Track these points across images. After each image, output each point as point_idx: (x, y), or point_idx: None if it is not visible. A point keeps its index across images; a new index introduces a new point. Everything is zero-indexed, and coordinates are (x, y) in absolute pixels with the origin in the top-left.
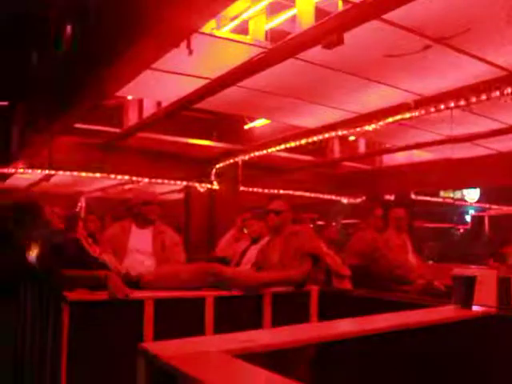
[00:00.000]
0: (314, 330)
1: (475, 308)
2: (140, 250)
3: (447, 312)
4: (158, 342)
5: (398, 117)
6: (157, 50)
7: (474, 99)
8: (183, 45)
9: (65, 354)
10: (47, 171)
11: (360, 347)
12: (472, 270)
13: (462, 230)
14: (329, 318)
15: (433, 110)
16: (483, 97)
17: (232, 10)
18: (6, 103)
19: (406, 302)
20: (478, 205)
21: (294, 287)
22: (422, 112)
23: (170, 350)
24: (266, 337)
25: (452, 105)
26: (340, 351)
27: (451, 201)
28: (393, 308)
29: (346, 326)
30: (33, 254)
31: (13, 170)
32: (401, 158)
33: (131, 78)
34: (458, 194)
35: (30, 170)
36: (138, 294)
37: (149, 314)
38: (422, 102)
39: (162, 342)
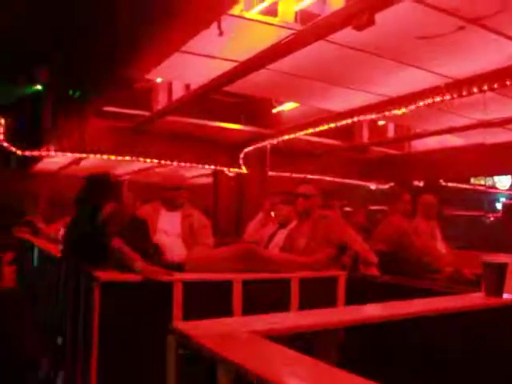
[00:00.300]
0: (340, 314)
1: (505, 296)
2: (168, 232)
3: (476, 299)
4: (189, 321)
5: (429, 100)
6: (187, 31)
7: (508, 82)
8: (212, 27)
9: (96, 332)
10: (77, 155)
11: (387, 332)
12: (502, 258)
13: (492, 218)
14: (355, 303)
15: (465, 93)
16: None
17: None
18: (38, 87)
19: (434, 290)
20: (509, 192)
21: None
22: (454, 95)
23: (200, 329)
24: (293, 319)
25: (485, 88)
26: (367, 336)
27: (482, 188)
28: (420, 295)
29: (373, 311)
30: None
31: (44, 153)
32: (431, 143)
33: (161, 61)
34: (489, 181)
35: (60, 154)
36: (166, 277)
37: (178, 296)
38: (454, 85)
39: (192, 321)
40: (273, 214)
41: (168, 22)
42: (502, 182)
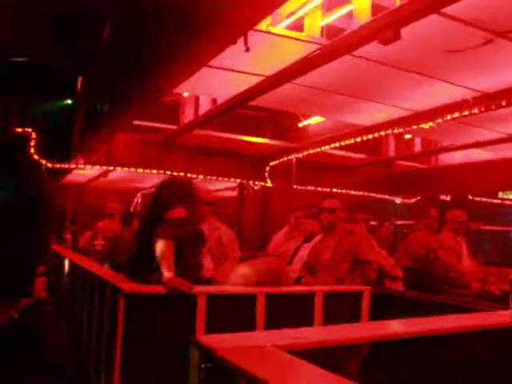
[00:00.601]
0: (365, 329)
1: None
2: None
3: (503, 317)
4: (211, 335)
5: (456, 114)
6: (214, 47)
7: None
8: (239, 42)
9: (119, 343)
10: (105, 167)
11: (411, 349)
12: None
13: None
14: (380, 318)
15: (493, 107)
16: None
17: (288, 7)
18: (68, 101)
19: (460, 306)
20: None
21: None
22: (482, 109)
23: (222, 343)
24: (317, 334)
25: None
26: (391, 352)
27: (510, 202)
28: (446, 311)
29: (398, 327)
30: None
31: (73, 166)
32: (458, 157)
33: (189, 76)
34: None
35: (89, 166)
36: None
37: (201, 309)
38: (482, 99)
39: (215, 335)
40: (298, 228)
41: (197, 38)
42: None
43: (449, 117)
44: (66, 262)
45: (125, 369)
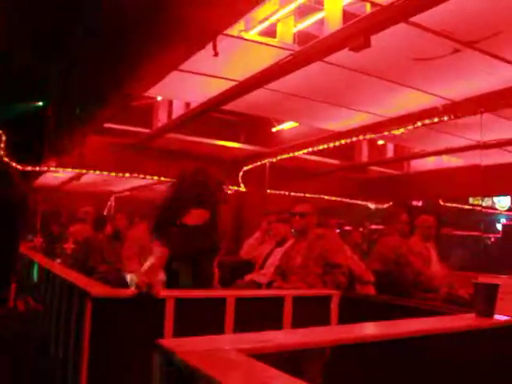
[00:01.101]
0: (329, 333)
1: (497, 317)
2: None
3: (466, 320)
4: (174, 338)
5: (427, 121)
6: (183, 51)
7: (503, 104)
8: (210, 46)
9: (86, 347)
10: (78, 170)
11: (375, 352)
12: (495, 279)
13: (492, 239)
14: (350, 322)
15: (461, 114)
16: None
17: (261, 13)
18: (39, 103)
19: (429, 310)
20: (509, 213)
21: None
22: (451, 117)
23: (185, 346)
24: (281, 337)
25: (482, 109)
26: (355, 355)
27: (480, 208)
28: (415, 315)
29: (361, 330)
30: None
31: (45, 168)
32: (429, 163)
33: (158, 79)
34: (488, 202)
35: (61, 169)
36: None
37: (169, 313)
38: (452, 107)
39: (178, 338)
40: (270, 232)
41: (165, 42)
42: (502, 202)
43: (419, 123)
44: (37, 267)
45: (92, 373)
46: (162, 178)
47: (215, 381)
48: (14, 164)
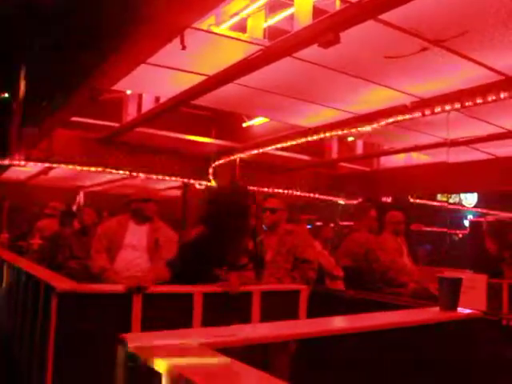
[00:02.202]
0: (295, 327)
1: (460, 310)
2: (135, 247)
3: (430, 313)
4: (138, 333)
5: (395, 118)
6: (150, 45)
7: (469, 103)
8: (179, 40)
9: (52, 343)
10: (45, 164)
11: (342, 345)
12: (461, 274)
13: (460, 235)
14: (319, 317)
15: (429, 112)
16: (479, 100)
17: (232, 7)
18: (5, 95)
19: (396, 304)
20: (476, 210)
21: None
22: (419, 114)
23: (149, 340)
24: (247, 331)
25: (448, 108)
26: (322, 348)
27: (448, 205)
28: (383, 309)
29: (328, 324)
30: None
31: (11, 163)
32: (399, 160)
33: (126, 73)
34: (455, 199)
35: (28, 163)
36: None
37: (137, 308)
38: (419, 104)
39: (142, 333)
40: None
41: (131, 36)
42: (468, 199)
43: (388, 120)
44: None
45: (58, 368)
46: (132, 173)
47: (179, 375)
48: None
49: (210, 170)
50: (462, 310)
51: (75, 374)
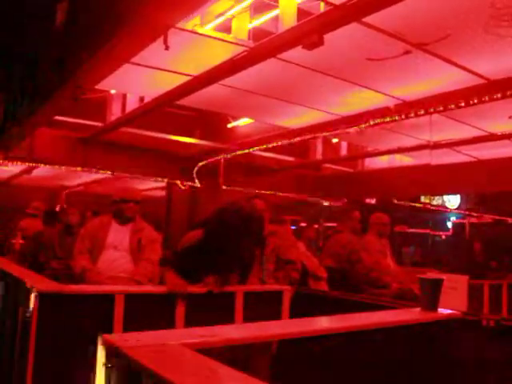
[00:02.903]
0: (276, 327)
1: (440, 311)
2: (117, 247)
3: (411, 314)
4: (119, 333)
5: (379, 120)
6: (133, 44)
7: (452, 106)
8: (161, 41)
9: (33, 342)
10: (27, 164)
11: (323, 345)
12: (443, 275)
13: (443, 237)
14: (302, 318)
15: (412, 114)
16: (462, 104)
17: (217, 8)
18: None
19: (379, 305)
20: (458, 211)
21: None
22: (402, 116)
23: (129, 341)
24: (228, 332)
25: (431, 110)
26: (303, 349)
27: (431, 206)
28: (366, 310)
29: (309, 324)
30: None
31: None
32: (382, 162)
33: (109, 72)
34: (438, 200)
35: (7, 163)
36: (108, 288)
37: (119, 308)
38: (403, 107)
39: (124, 333)
40: None
41: (114, 33)
42: (451, 201)
43: (372, 122)
44: None
45: (38, 368)
46: (116, 173)
47: (158, 375)
48: None
49: (195, 171)
50: (443, 311)
51: (56, 373)
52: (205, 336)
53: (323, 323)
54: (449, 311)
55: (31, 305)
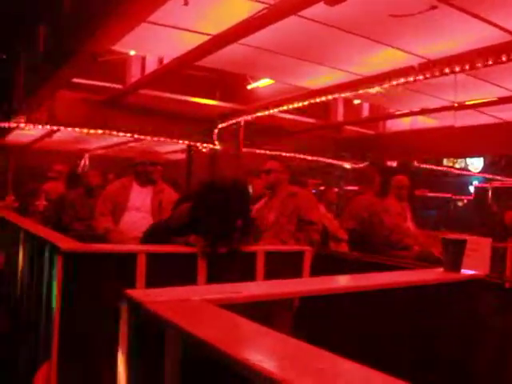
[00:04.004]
0: (298, 285)
1: (463, 271)
2: (139, 208)
3: (433, 274)
4: (143, 289)
5: (402, 80)
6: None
7: (479, 64)
8: None
9: (58, 301)
10: (48, 127)
11: (344, 303)
12: (465, 237)
13: (465, 201)
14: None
15: (437, 73)
16: (489, 62)
17: None
18: (4, 56)
19: (400, 266)
20: (481, 175)
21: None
22: (427, 76)
23: (152, 296)
24: (250, 289)
25: (457, 69)
26: (324, 307)
27: (454, 170)
28: (387, 271)
29: (331, 282)
30: None
31: (14, 125)
32: (405, 124)
33: (126, 32)
34: (461, 164)
35: (29, 125)
36: (131, 247)
37: (141, 268)
38: (427, 66)
39: (146, 290)
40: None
41: None
42: (474, 164)
43: (395, 82)
44: (7, 224)
45: (64, 326)
46: (136, 136)
47: (182, 329)
48: None
49: (215, 133)
50: (466, 272)
51: (81, 330)
52: (228, 292)
53: (345, 281)
54: (472, 272)
55: (56, 265)
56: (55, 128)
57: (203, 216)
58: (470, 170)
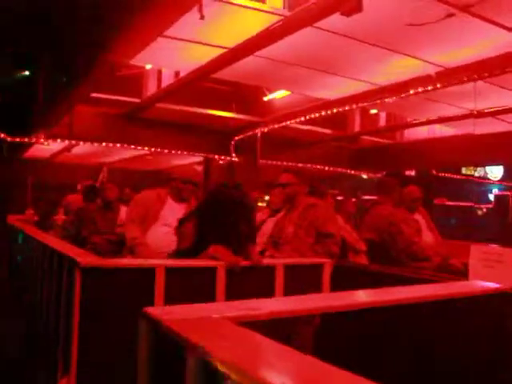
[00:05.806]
0: (320, 300)
1: (488, 285)
2: (169, 224)
3: (460, 287)
4: (160, 306)
5: (420, 89)
6: (166, 16)
7: (498, 71)
8: (196, 11)
9: (77, 318)
10: (67, 141)
11: (367, 319)
12: (491, 248)
13: (484, 210)
14: (342, 291)
15: (455, 82)
16: (508, 69)
17: None
18: (26, 72)
19: (421, 278)
20: (501, 183)
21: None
22: (445, 84)
23: (171, 314)
24: (271, 305)
25: (475, 77)
26: (346, 323)
27: (473, 178)
28: (408, 284)
29: (353, 297)
30: None
31: (34, 140)
32: (422, 132)
33: (143, 46)
34: (480, 172)
35: (50, 140)
36: (149, 262)
37: (160, 282)
38: (445, 74)
39: (164, 307)
40: (262, 202)
41: (147, 6)
42: (494, 172)
43: (412, 91)
44: (27, 238)
45: (82, 342)
46: (154, 149)
47: (201, 348)
48: (2, 135)
49: (232, 145)
50: (492, 285)
51: (100, 347)
52: (248, 309)
53: (370, 296)
54: (497, 285)
55: (75, 280)
56: (74, 142)
57: (210, 231)
58: (489, 179)
